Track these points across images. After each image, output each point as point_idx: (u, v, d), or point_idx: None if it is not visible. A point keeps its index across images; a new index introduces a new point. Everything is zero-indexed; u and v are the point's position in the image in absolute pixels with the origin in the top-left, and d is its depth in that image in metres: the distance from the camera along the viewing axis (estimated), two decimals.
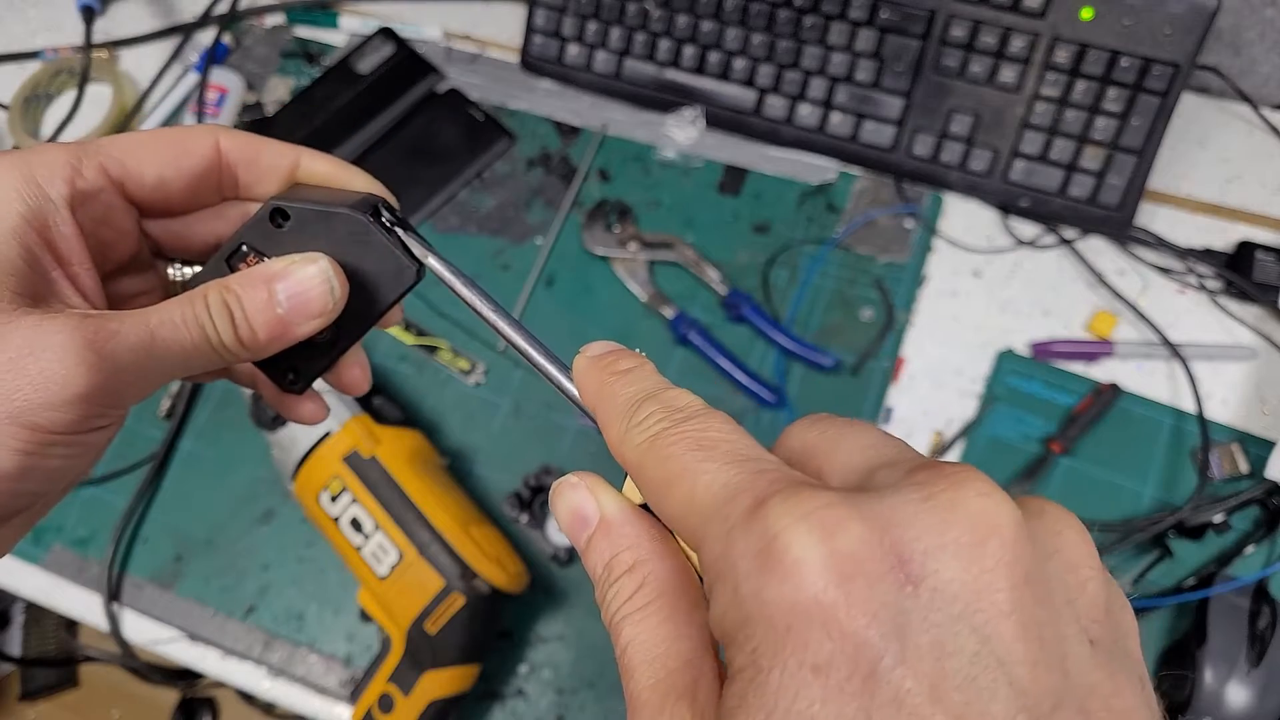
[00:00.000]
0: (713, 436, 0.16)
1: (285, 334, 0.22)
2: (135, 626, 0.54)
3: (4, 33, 0.75)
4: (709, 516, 0.15)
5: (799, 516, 0.13)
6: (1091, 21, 0.54)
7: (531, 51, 0.65)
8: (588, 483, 0.18)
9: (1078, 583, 0.14)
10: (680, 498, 0.15)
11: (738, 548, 0.14)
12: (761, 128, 0.62)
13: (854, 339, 0.56)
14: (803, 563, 0.13)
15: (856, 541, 0.13)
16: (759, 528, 0.13)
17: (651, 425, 0.17)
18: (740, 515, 0.14)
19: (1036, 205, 0.58)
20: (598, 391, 0.19)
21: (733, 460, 0.15)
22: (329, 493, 0.47)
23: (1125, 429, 0.52)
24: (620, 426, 0.17)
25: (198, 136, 0.23)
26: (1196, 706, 0.44)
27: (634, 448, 0.17)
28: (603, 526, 0.17)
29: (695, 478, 0.15)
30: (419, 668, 0.45)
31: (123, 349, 0.19)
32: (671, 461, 0.16)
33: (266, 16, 0.72)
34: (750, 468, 0.15)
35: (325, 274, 0.22)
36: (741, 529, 0.14)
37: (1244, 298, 0.55)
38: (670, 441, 0.16)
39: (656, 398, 0.17)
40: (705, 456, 0.16)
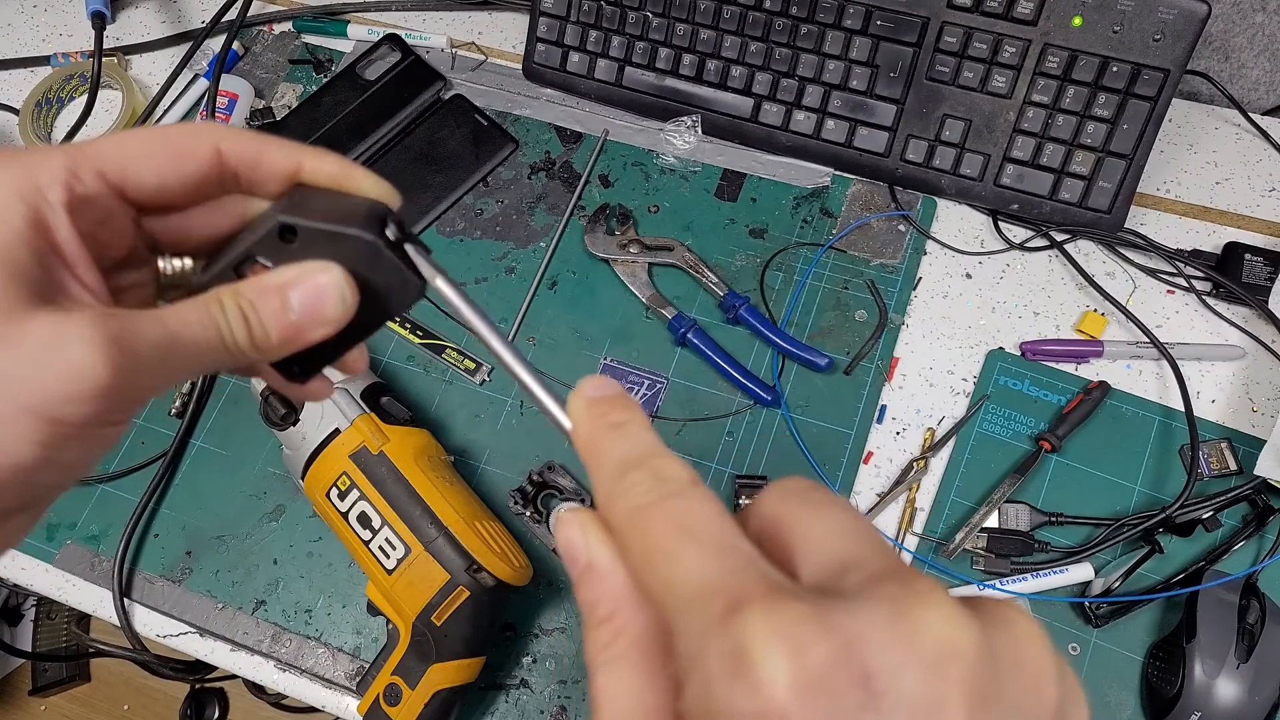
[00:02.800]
0: (696, 518, 0.16)
1: (297, 339, 0.23)
2: (146, 621, 0.55)
3: (15, 38, 0.76)
4: (685, 608, 0.15)
5: (772, 630, 0.14)
6: (1082, 28, 0.55)
7: (534, 59, 0.67)
8: (581, 521, 0.18)
9: (1035, 692, 0.15)
10: (659, 580, 0.16)
11: (711, 649, 0.14)
12: (758, 134, 0.63)
13: (848, 339, 0.57)
14: (771, 679, 0.13)
15: (824, 659, 0.13)
16: (733, 634, 0.14)
17: (637, 495, 0.17)
18: (715, 616, 0.14)
19: (1027, 209, 0.59)
20: (589, 443, 0.19)
21: (712, 550, 0.16)
22: (337, 489, 0.48)
23: (1115, 427, 0.53)
24: (606, 489, 0.18)
25: (198, 140, 0.22)
26: (1186, 701, 0.45)
27: (619, 515, 0.17)
28: (589, 571, 0.18)
29: (674, 563, 0.16)
30: (425, 660, 0.46)
31: (142, 346, 0.20)
32: (654, 539, 0.16)
33: (275, 24, 0.73)
34: (729, 562, 0.15)
35: (338, 284, 0.22)
36: (716, 632, 0.14)
37: (1232, 298, 0.56)
38: (654, 517, 0.17)
39: (645, 465, 0.18)
40: (687, 541, 0.16)
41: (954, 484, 0.53)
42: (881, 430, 0.55)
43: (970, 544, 0.51)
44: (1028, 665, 0.15)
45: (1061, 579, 0.49)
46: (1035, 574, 0.50)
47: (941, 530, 0.52)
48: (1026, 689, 0.15)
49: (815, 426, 0.55)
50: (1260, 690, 0.45)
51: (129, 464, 0.58)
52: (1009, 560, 0.50)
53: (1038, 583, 0.49)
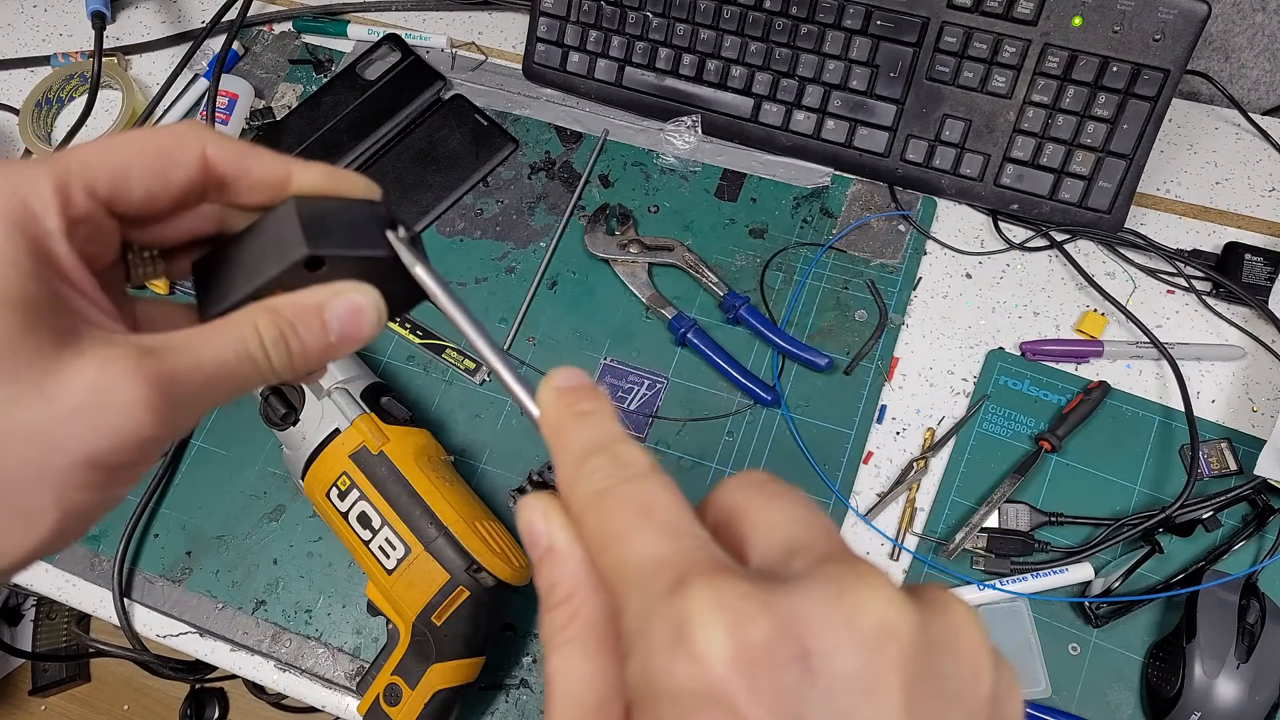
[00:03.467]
0: (652, 501, 0.17)
1: (331, 358, 0.23)
2: (146, 621, 0.55)
3: (15, 38, 0.76)
4: (634, 585, 0.16)
5: (715, 605, 0.14)
6: (1082, 28, 0.55)
7: (534, 59, 0.67)
8: (544, 507, 0.19)
9: (971, 676, 0.15)
10: (613, 560, 0.16)
11: (654, 623, 0.15)
12: (758, 134, 0.63)
13: (848, 339, 0.57)
14: (711, 651, 0.14)
15: (764, 634, 0.14)
16: (676, 608, 0.14)
17: (597, 480, 0.18)
18: (661, 591, 0.15)
19: (1027, 209, 0.59)
20: (555, 430, 0.19)
21: (665, 532, 0.16)
22: (338, 489, 0.48)
23: (1115, 427, 0.53)
24: (569, 474, 0.18)
25: (185, 145, 0.22)
26: (1186, 701, 0.45)
27: (579, 498, 0.18)
28: (549, 554, 0.18)
29: (628, 543, 0.16)
30: (425, 660, 0.46)
31: (182, 389, 0.20)
32: (610, 521, 0.17)
33: (275, 24, 0.73)
34: (680, 543, 0.16)
35: (376, 304, 0.23)
36: (660, 606, 0.15)
37: (1232, 298, 0.56)
38: (612, 500, 0.17)
39: (607, 450, 0.18)
40: (642, 523, 0.16)
41: (954, 484, 0.53)
42: (881, 430, 0.55)
43: (970, 544, 0.51)
44: (963, 650, 0.15)
45: (1061, 579, 0.49)
46: (1035, 574, 0.50)
47: (941, 530, 0.52)
48: (962, 673, 0.15)
49: (815, 426, 0.55)
50: (1260, 690, 0.45)
51: None
52: (1009, 560, 0.50)
53: (1038, 583, 0.49)
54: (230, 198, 0.23)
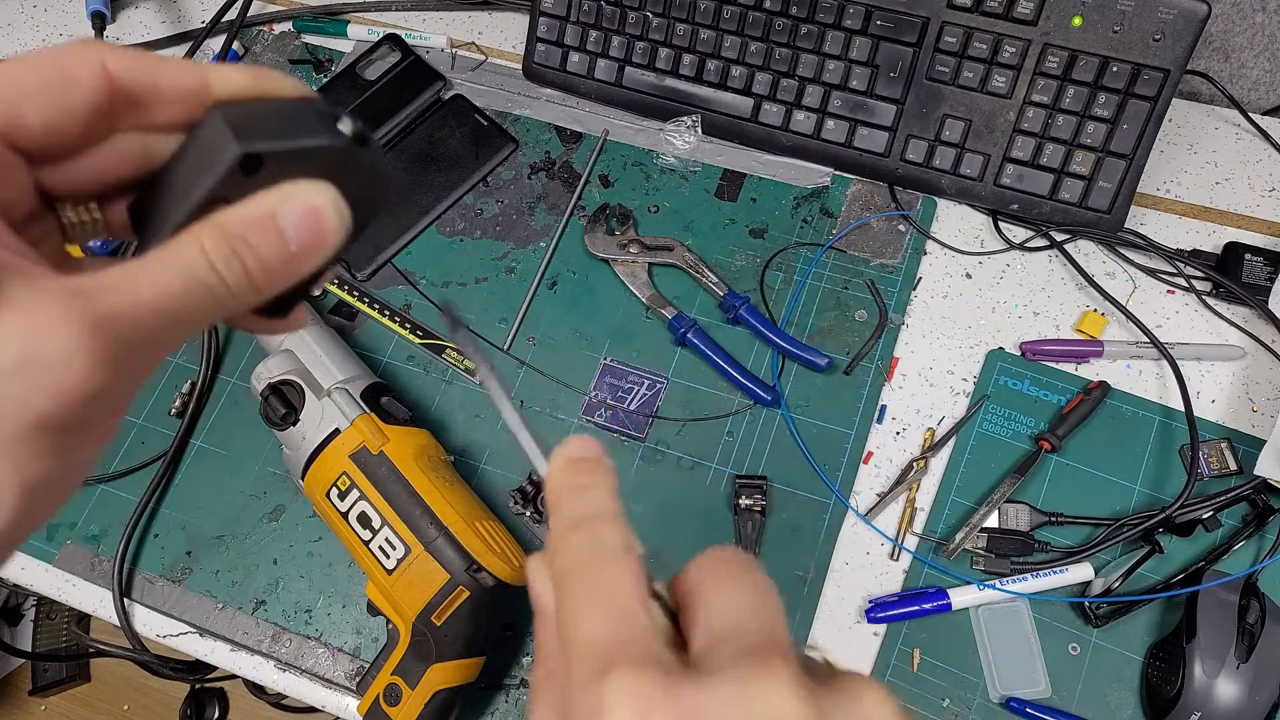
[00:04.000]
0: (610, 586, 0.18)
1: (296, 271, 0.20)
2: (146, 621, 0.55)
3: (14, 38, 0.76)
4: (575, 663, 0.17)
5: (629, 695, 0.16)
6: (1082, 28, 0.55)
7: (534, 59, 0.67)
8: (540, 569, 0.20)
9: None
10: (565, 634, 0.18)
11: (579, 702, 0.16)
12: (758, 134, 0.63)
13: (848, 339, 0.57)
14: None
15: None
16: (597, 692, 0.16)
17: (572, 555, 0.19)
18: (590, 674, 0.16)
19: (1027, 209, 0.59)
20: (554, 498, 0.20)
21: (612, 617, 0.17)
22: (337, 489, 0.48)
23: (1115, 427, 0.53)
24: (553, 544, 0.19)
25: (80, 61, 0.19)
26: (1186, 701, 0.45)
27: (556, 569, 0.19)
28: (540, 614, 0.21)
29: (579, 623, 0.18)
30: (425, 660, 0.46)
31: (125, 329, 0.18)
32: (572, 598, 0.18)
33: (275, 24, 0.73)
34: (621, 629, 0.17)
35: (335, 202, 0.20)
36: (586, 688, 0.16)
37: (1232, 298, 0.56)
38: (578, 578, 0.18)
39: (588, 528, 0.19)
40: (595, 604, 0.18)
41: (954, 484, 0.53)
42: (881, 430, 0.55)
43: (970, 544, 0.51)
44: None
45: (1061, 579, 0.49)
46: (1035, 574, 0.50)
47: (941, 530, 0.52)
48: None
49: (815, 426, 0.55)
50: (1260, 690, 0.45)
51: (129, 464, 0.58)
52: (1009, 560, 0.50)
53: (1037, 583, 0.49)
54: (145, 119, 0.21)
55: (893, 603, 0.50)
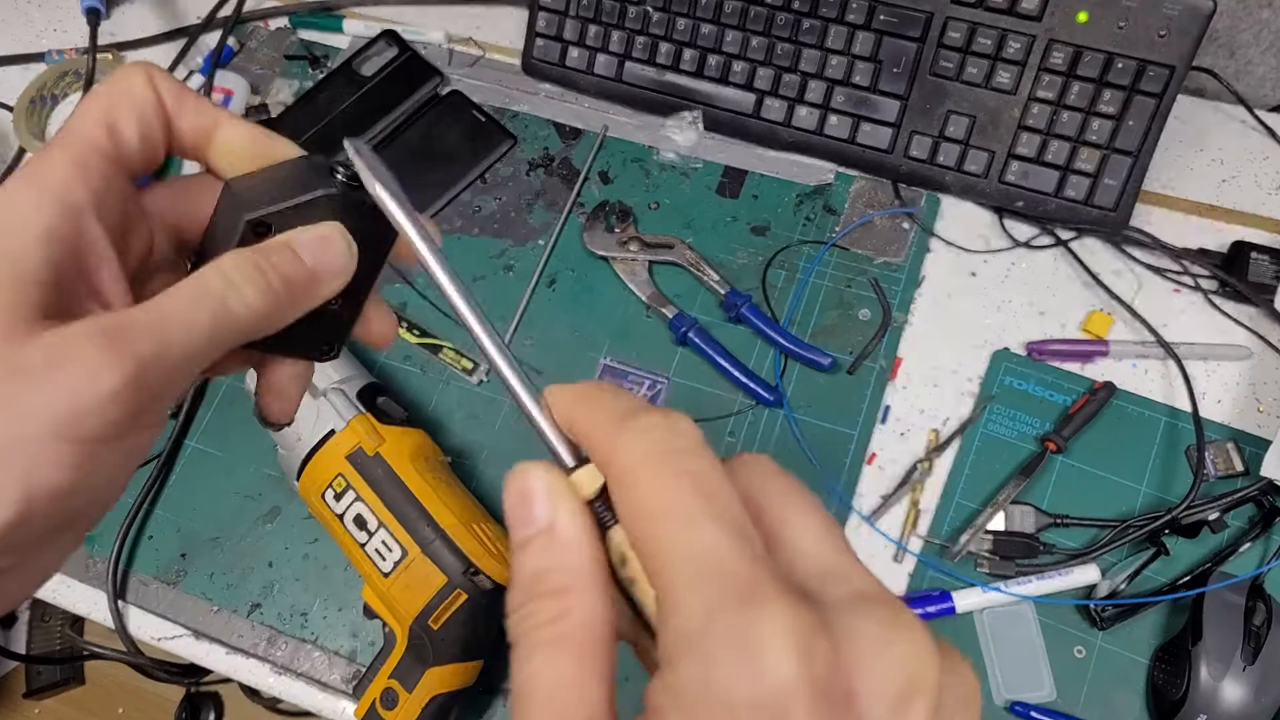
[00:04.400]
0: (714, 490, 0.16)
1: (312, 292, 0.22)
2: (141, 623, 0.54)
3: (9, 35, 0.76)
4: (695, 580, 0.15)
5: (789, 629, 0.14)
6: (1087, 24, 0.55)
7: (533, 55, 0.66)
8: (550, 478, 0.17)
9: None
10: (670, 538, 0.15)
11: (720, 631, 0.14)
12: (760, 130, 0.62)
13: (851, 339, 0.57)
14: (779, 673, 0.14)
15: (826, 670, 0.14)
16: (749, 621, 0.14)
17: (656, 437, 0.16)
18: (731, 599, 0.14)
19: (1032, 206, 0.58)
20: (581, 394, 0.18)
21: (730, 529, 0.15)
22: (333, 490, 0.48)
23: (1120, 427, 0.53)
24: (610, 430, 0.17)
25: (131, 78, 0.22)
26: (1192, 703, 0.44)
27: (629, 453, 0.16)
28: (548, 534, 0.17)
29: (693, 529, 0.15)
30: (422, 663, 0.46)
31: (142, 340, 0.19)
32: (670, 494, 0.16)
33: (271, 19, 0.73)
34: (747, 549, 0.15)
35: (340, 233, 0.22)
36: (731, 614, 0.14)
37: (1239, 298, 0.56)
38: (675, 471, 0.16)
39: (658, 412, 0.17)
40: (704, 508, 0.16)
41: (959, 485, 0.52)
42: (885, 431, 0.54)
43: (975, 546, 0.50)
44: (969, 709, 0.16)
45: (1067, 581, 0.49)
46: (1040, 576, 0.49)
47: (946, 532, 0.51)
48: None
49: (818, 427, 0.55)
50: (1267, 693, 0.44)
51: None
52: (1014, 562, 0.50)
53: (1043, 585, 0.49)
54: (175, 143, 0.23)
55: None
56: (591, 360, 0.58)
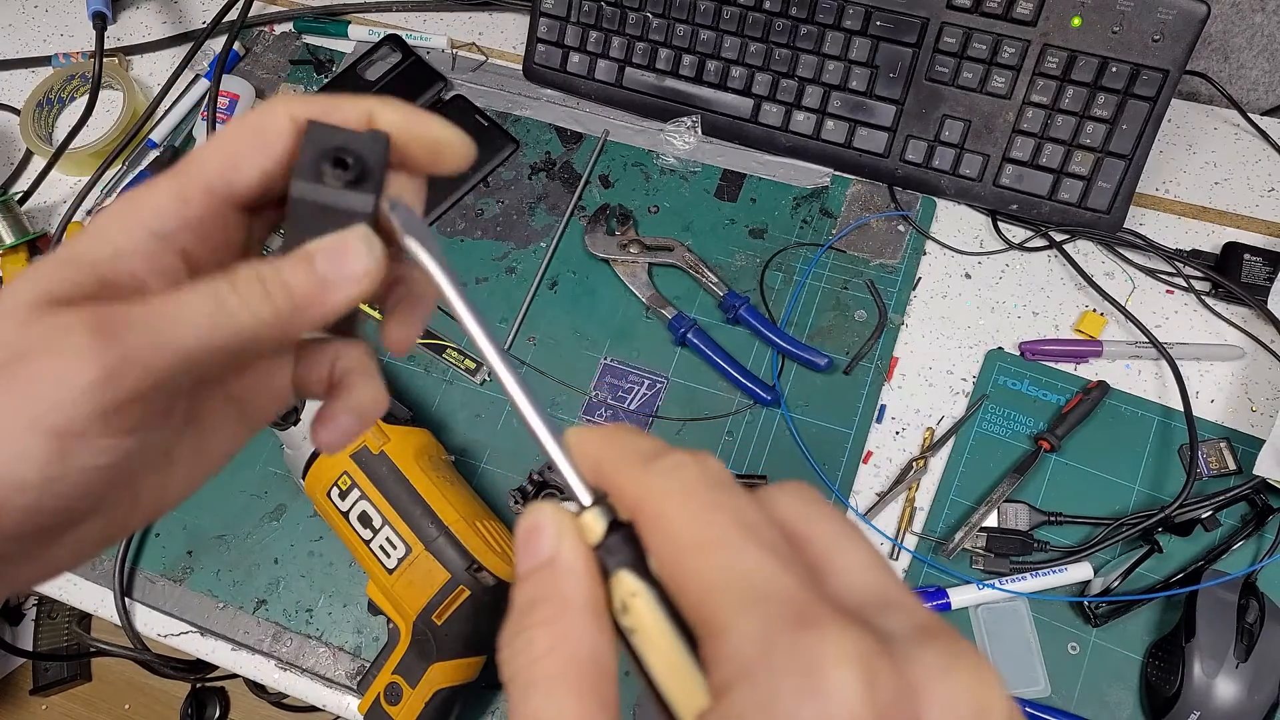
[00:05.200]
0: (750, 517, 0.15)
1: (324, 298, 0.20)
2: (147, 620, 0.55)
3: (16, 38, 0.77)
4: (748, 604, 0.14)
5: (851, 653, 0.13)
6: (1081, 29, 0.55)
7: (535, 60, 0.67)
8: (558, 516, 0.17)
9: None
10: (714, 567, 0.15)
11: (782, 654, 0.14)
12: (758, 134, 0.63)
13: (847, 339, 0.57)
14: (844, 700, 0.13)
15: (892, 697, 0.13)
16: (811, 647, 0.14)
17: (687, 478, 0.16)
18: (788, 621, 0.14)
19: (1026, 209, 0.59)
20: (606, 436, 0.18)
21: (779, 557, 0.15)
22: (338, 489, 0.48)
23: (1114, 427, 0.53)
24: (641, 466, 0.17)
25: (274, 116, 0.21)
26: (1185, 700, 0.45)
27: (660, 493, 0.16)
28: (548, 566, 0.17)
29: (737, 554, 0.15)
30: (426, 659, 0.46)
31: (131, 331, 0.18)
32: (710, 528, 0.15)
33: (276, 24, 0.73)
34: (796, 574, 0.15)
35: (362, 234, 0.21)
36: (790, 639, 0.14)
37: (1231, 298, 0.56)
38: (710, 505, 0.16)
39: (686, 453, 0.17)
40: (751, 538, 0.15)
41: (953, 483, 0.53)
42: (881, 430, 0.55)
43: (969, 543, 0.51)
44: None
45: (1060, 578, 0.50)
46: (1034, 573, 0.50)
47: (941, 529, 0.52)
48: None
49: (815, 426, 0.55)
50: (1259, 690, 0.45)
51: None
52: (1008, 559, 0.50)
53: (1037, 582, 0.49)
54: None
55: None
56: (592, 360, 0.58)
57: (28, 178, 0.71)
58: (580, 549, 0.17)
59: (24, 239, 0.65)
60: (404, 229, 0.21)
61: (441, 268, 0.21)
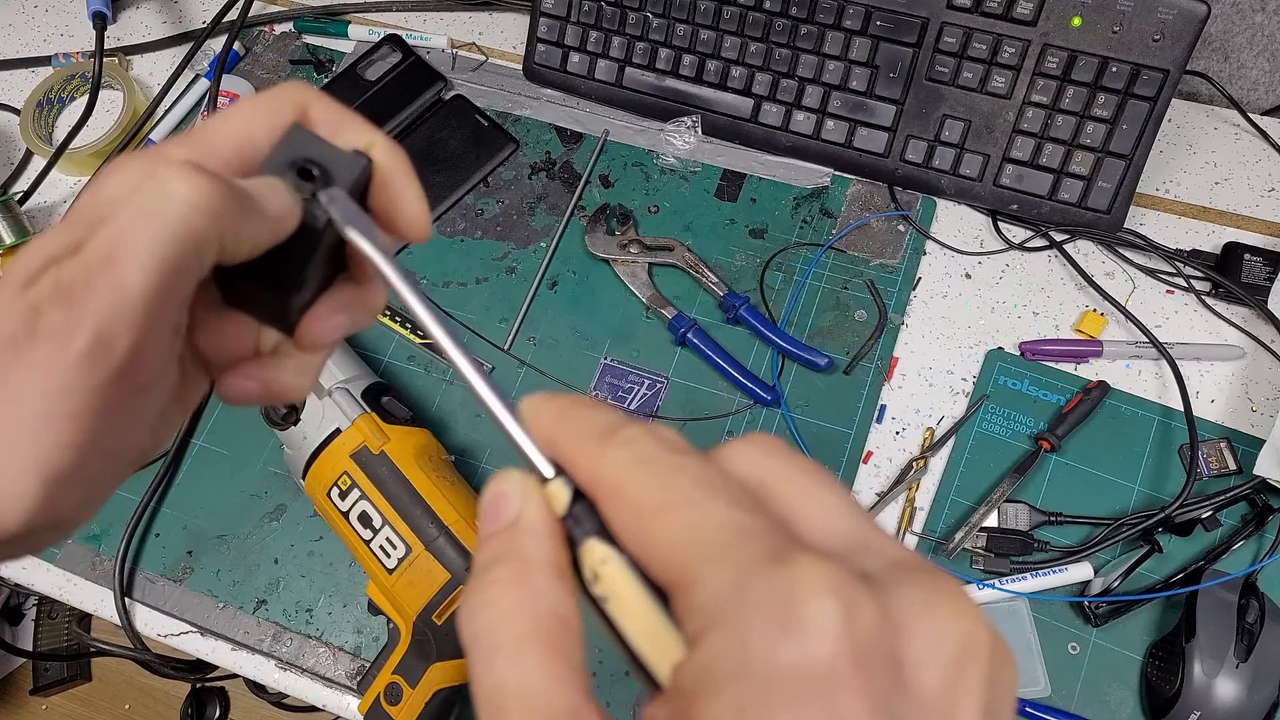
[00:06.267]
0: (715, 477, 0.15)
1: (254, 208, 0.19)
2: (147, 620, 0.55)
3: (16, 38, 0.77)
4: (715, 553, 0.14)
5: (829, 585, 0.13)
6: (1081, 29, 0.55)
7: (535, 60, 0.67)
8: (525, 482, 0.17)
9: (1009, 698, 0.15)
10: (678, 525, 0.14)
11: (754, 595, 0.13)
12: (758, 134, 0.63)
13: (847, 339, 0.57)
14: (827, 635, 0.12)
15: (873, 629, 0.13)
16: (783, 581, 0.13)
17: (643, 448, 0.16)
18: (758, 562, 0.13)
19: (1026, 209, 0.59)
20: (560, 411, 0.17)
21: (744, 504, 0.14)
22: (338, 489, 0.48)
23: (1114, 427, 0.53)
24: (596, 442, 0.16)
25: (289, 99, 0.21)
26: (1185, 700, 0.45)
27: (616, 464, 0.16)
28: (514, 527, 0.16)
29: (699, 509, 0.14)
30: (426, 659, 0.46)
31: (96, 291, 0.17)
32: (670, 490, 0.15)
33: (276, 24, 0.73)
34: (762, 517, 0.14)
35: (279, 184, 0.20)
36: (762, 577, 0.13)
37: (1231, 298, 0.56)
38: (667, 468, 0.15)
39: (639, 425, 0.16)
40: (711, 494, 0.15)
41: (953, 483, 0.53)
42: (881, 430, 0.55)
43: (970, 543, 0.51)
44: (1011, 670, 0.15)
45: (1061, 578, 0.50)
46: (1034, 573, 0.50)
47: (941, 529, 0.52)
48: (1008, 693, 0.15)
49: (815, 426, 0.55)
50: (1259, 689, 0.45)
51: None
52: (1008, 559, 0.50)
53: (1037, 582, 0.49)
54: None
55: None
56: (592, 360, 0.58)
57: (28, 178, 0.71)
58: (544, 511, 0.16)
59: (24, 239, 0.65)
60: (343, 219, 0.21)
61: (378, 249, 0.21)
